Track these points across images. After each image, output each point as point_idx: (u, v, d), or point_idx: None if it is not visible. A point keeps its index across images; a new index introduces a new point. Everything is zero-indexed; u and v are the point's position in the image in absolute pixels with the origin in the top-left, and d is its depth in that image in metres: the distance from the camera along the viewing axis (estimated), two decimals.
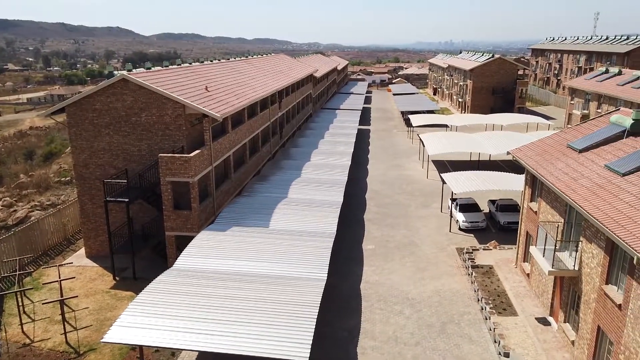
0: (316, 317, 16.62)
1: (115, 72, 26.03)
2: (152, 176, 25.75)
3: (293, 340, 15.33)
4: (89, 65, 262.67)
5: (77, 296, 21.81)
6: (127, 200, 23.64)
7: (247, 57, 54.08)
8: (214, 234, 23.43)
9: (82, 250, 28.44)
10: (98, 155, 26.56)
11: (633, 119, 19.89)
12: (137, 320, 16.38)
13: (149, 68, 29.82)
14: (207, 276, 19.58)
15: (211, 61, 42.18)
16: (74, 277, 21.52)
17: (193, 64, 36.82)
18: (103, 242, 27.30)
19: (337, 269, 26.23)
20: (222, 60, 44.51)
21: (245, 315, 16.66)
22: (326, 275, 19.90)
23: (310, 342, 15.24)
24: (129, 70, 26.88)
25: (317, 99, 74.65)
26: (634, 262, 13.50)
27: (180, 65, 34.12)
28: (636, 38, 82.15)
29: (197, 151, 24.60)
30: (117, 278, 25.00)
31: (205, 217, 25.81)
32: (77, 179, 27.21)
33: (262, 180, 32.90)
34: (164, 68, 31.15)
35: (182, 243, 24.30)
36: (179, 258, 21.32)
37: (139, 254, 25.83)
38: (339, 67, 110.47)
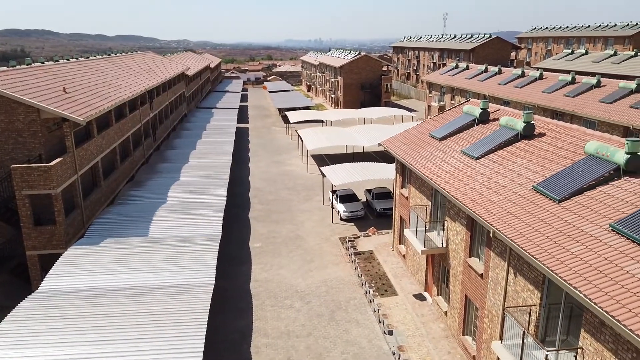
0: (206, 323, 16.19)
1: None
2: (5, 190, 22.79)
3: (183, 351, 14.75)
4: None
5: None
6: None
7: (109, 55, 50.15)
8: (85, 249, 21.51)
9: None
10: None
11: (481, 109, 22.55)
12: None
13: None
14: (81, 295, 17.93)
15: (68, 60, 38.39)
16: None
17: (46, 63, 33.18)
18: None
19: (225, 271, 25.77)
20: (80, 59, 40.74)
21: (128, 332, 15.61)
22: (214, 279, 19.44)
23: (202, 350, 14.80)
24: None
25: (191, 98, 72.09)
26: (490, 235, 15.35)
27: (30, 65, 30.52)
28: (478, 36, 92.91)
29: (58, 159, 22.28)
30: None
31: (73, 232, 23.55)
32: None
33: (137, 186, 30.93)
34: (11, 68, 27.60)
35: (48, 262, 21.94)
36: (44, 279, 19.19)
37: None
38: (212, 65, 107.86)
